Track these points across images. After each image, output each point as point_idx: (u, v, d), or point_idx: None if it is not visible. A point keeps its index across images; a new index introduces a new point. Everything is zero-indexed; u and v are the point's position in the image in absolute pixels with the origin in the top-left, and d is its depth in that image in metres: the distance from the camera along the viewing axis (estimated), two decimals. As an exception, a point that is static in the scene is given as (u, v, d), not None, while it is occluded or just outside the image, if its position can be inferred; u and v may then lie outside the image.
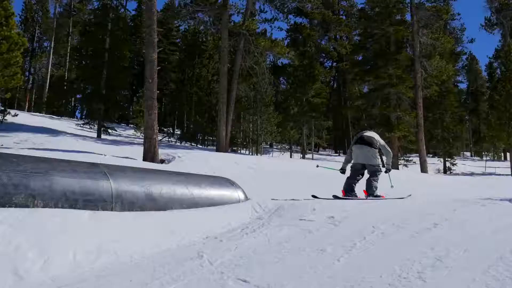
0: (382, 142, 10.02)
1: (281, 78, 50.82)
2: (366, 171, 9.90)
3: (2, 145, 19.41)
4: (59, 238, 5.01)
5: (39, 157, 6.43)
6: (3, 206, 5.12)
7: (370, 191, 9.52)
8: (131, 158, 18.42)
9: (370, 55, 37.10)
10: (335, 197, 9.32)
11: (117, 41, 34.52)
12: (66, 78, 53.02)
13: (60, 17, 55.92)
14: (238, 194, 8.26)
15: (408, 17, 37.34)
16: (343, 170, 10.20)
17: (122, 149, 23.21)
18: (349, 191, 9.62)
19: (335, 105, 53.98)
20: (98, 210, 5.93)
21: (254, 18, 33.08)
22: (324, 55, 52.80)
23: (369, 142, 9.76)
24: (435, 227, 5.67)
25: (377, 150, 9.80)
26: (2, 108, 27.77)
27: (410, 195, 10.13)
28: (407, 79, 34.98)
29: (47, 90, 51.49)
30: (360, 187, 9.85)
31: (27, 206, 5.33)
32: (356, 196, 9.53)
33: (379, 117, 35.42)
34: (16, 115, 29.69)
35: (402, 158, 36.45)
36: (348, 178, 9.91)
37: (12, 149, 17.02)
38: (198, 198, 7.45)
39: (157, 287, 4.17)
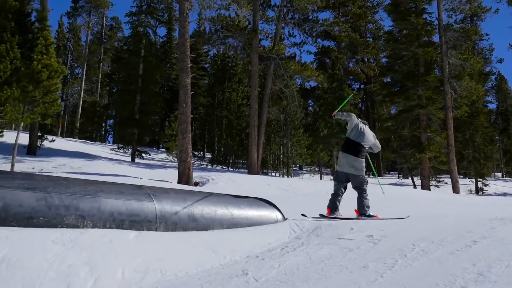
0: (373, 142, 9.33)
1: (309, 101, 51.03)
2: (350, 183, 9.22)
3: (42, 170, 19.86)
4: (108, 257, 5.17)
5: (87, 180, 6.63)
6: (55, 227, 5.29)
7: (362, 211, 8.99)
8: (166, 181, 18.69)
9: (399, 77, 36.99)
10: (322, 215, 8.90)
11: (149, 67, 35.18)
12: (98, 104, 54.01)
13: (92, 44, 57.02)
14: (275, 215, 8.36)
15: (436, 38, 37.28)
16: None
17: (157, 173, 23.51)
18: (333, 210, 9.01)
19: (363, 127, 53.80)
20: (143, 230, 6.08)
21: (282, 42, 33.44)
22: (351, 77, 52.87)
23: (355, 151, 9.01)
24: (475, 244, 5.67)
25: (363, 160, 9.09)
26: (40, 134, 28.37)
27: (409, 215, 9.13)
28: (437, 100, 34.81)
29: (79, 115, 52.43)
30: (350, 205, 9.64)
31: (77, 227, 5.50)
32: (339, 216, 8.95)
33: (409, 138, 35.19)
34: (53, 140, 30.34)
35: (433, 179, 36.02)
36: (332, 195, 9.25)
37: (52, 173, 17.46)
38: (238, 218, 7.57)
39: (206, 303, 4.31)
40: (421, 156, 33.28)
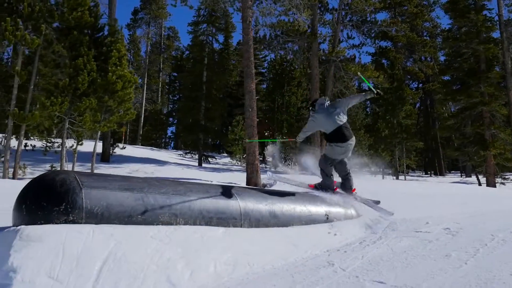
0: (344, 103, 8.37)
1: (368, 102, 50.57)
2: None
3: (117, 175, 20.50)
4: (201, 251, 5.46)
5: (177, 181, 6.97)
6: (152, 224, 5.61)
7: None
8: (234, 184, 19.01)
9: (460, 75, 36.20)
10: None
11: (213, 74, 35.83)
12: (160, 111, 55.10)
13: (151, 54, 58.17)
14: (351, 211, 8.51)
15: (497, 34, 36.38)
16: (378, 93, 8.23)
17: (224, 176, 23.94)
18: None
19: (422, 126, 52.90)
20: (229, 226, 6.35)
21: (338, 45, 33.40)
22: (409, 76, 51.99)
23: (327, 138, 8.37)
24: (553, 233, 5.75)
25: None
26: (111, 142, 29.33)
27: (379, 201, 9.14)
28: (500, 97, 33.98)
29: (142, 123, 53.61)
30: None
31: (171, 224, 5.81)
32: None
33: (472, 136, 34.40)
34: (124, 147, 31.28)
35: (499, 176, 35.04)
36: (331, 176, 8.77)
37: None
38: (315, 215, 7.76)
39: (301, 289, 4.54)
40: (485, 154, 32.49)
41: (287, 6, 22.73)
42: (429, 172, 52.35)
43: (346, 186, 8.80)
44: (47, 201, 5.00)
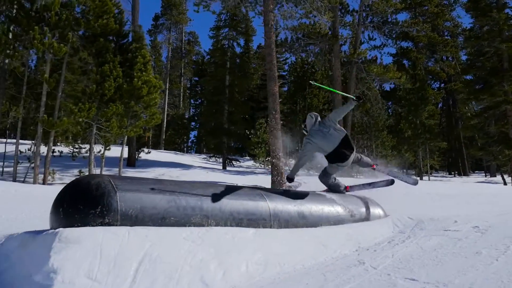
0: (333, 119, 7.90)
1: (389, 103, 50.28)
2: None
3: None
4: (232, 252, 5.53)
5: (207, 183, 7.07)
6: (184, 226, 5.70)
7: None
8: (259, 186, 19.07)
9: (483, 74, 35.83)
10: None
11: (235, 78, 36.01)
12: (183, 116, 55.37)
13: (172, 59, 58.42)
14: (378, 211, 8.54)
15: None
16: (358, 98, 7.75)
17: (248, 178, 24.04)
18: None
19: (444, 126, 52.46)
20: (259, 227, 6.39)
21: (360, 46, 33.35)
22: (431, 76, 51.59)
23: None
24: None
25: None
26: (136, 147, 29.63)
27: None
28: (524, 95, 33.53)
29: (164, 128, 53.89)
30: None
31: (203, 225, 5.88)
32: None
33: (496, 135, 34.03)
34: (149, 152, 31.60)
35: (524, 175, 34.62)
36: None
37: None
38: (343, 215, 7.80)
39: (333, 287, 4.59)
40: (510, 153, 32.15)
41: (308, 9, 22.75)
42: (452, 173, 51.88)
43: (336, 191, 8.56)
44: (83, 204, 5.11)
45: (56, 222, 5.21)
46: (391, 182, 8.72)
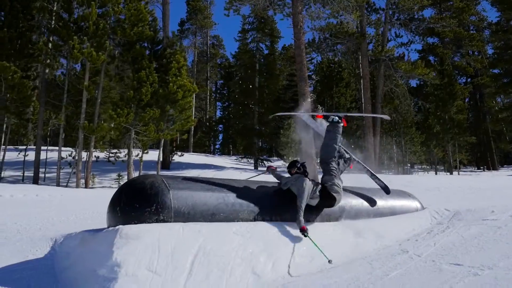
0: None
1: (416, 99, 49.86)
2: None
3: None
4: (279, 245, 5.75)
5: (252, 181, 7.22)
6: (233, 221, 5.92)
7: None
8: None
9: (511, 67, 35.39)
10: None
11: (264, 79, 36.23)
12: (210, 118, 55.69)
13: (198, 63, 58.73)
14: (415, 204, 8.66)
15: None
16: None
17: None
18: None
19: (472, 121, 51.78)
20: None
21: (387, 44, 33.27)
22: (457, 71, 50.95)
23: None
24: None
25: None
26: (171, 150, 29.99)
27: None
28: (554, 86, 33.06)
29: (192, 131, 54.22)
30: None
31: (250, 220, 6.09)
32: None
33: (527, 128, 33.65)
34: (182, 155, 31.97)
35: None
36: None
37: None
38: (382, 208, 7.94)
39: (382, 273, 4.78)
40: (540, 145, 31.76)
41: (336, 8, 22.81)
42: (481, 167, 51.19)
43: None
44: (139, 203, 5.35)
45: (114, 220, 5.46)
46: (386, 191, 8.25)
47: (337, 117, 6.90)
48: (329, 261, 5.64)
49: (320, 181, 6.75)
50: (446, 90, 37.61)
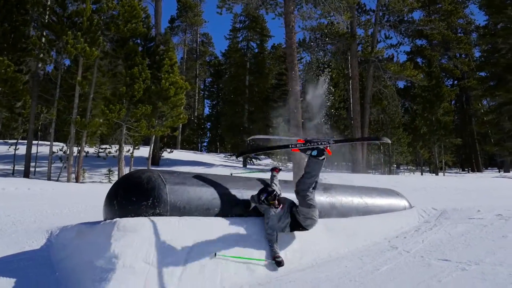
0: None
1: (403, 100, 50.14)
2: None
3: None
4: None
5: (246, 177, 7.33)
6: (226, 216, 6.02)
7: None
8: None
9: (498, 70, 35.69)
10: None
11: (254, 78, 36.30)
12: (200, 116, 55.62)
13: (187, 60, 58.51)
14: (404, 203, 8.83)
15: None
16: None
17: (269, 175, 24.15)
18: None
19: (458, 123, 52.20)
20: (295, 218, 6.67)
21: (377, 45, 33.46)
22: (444, 74, 51.29)
23: None
24: None
25: None
26: (160, 147, 29.98)
27: None
28: (540, 90, 33.35)
29: (181, 128, 54.11)
30: None
31: (243, 216, 6.19)
32: None
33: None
34: (171, 152, 31.95)
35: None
36: None
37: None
38: (371, 206, 8.10)
39: (372, 268, 4.92)
40: (524, 147, 32.14)
41: (327, 9, 22.93)
42: (466, 169, 51.68)
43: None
44: (136, 197, 5.43)
45: (111, 213, 5.53)
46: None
47: (320, 148, 5.76)
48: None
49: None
50: (433, 92, 37.89)
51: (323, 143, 5.74)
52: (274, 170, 6.70)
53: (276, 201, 5.84)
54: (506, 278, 3.92)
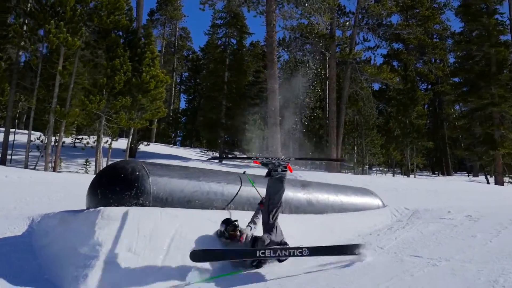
0: None
1: (378, 103, 50.67)
2: None
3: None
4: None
5: (228, 172, 7.47)
6: (207, 208, 6.20)
7: None
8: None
9: (471, 76, 36.33)
10: None
11: (233, 74, 36.37)
12: (176, 111, 55.49)
13: (166, 54, 58.12)
14: (377, 202, 9.07)
15: (508, 38, 36.55)
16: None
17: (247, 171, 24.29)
18: None
19: (430, 127, 52.93)
20: (273, 213, 6.82)
21: (355, 47, 33.84)
22: (418, 78, 51.92)
23: None
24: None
25: None
26: (137, 139, 29.90)
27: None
28: (510, 98, 33.99)
29: (156, 122, 53.78)
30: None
31: (223, 209, 6.36)
32: None
33: (482, 136, 34.58)
34: (148, 144, 31.91)
35: (507, 175, 35.22)
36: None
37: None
38: (346, 204, 8.32)
39: (348, 263, 5.09)
40: (494, 153, 32.75)
41: (308, 9, 23.15)
42: (436, 172, 52.47)
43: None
44: (120, 187, 5.55)
45: (94, 202, 5.65)
46: None
47: (279, 169, 5.57)
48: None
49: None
50: (408, 95, 38.34)
51: (283, 160, 5.58)
52: (261, 204, 6.02)
53: (238, 232, 5.52)
54: (474, 274, 4.13)
